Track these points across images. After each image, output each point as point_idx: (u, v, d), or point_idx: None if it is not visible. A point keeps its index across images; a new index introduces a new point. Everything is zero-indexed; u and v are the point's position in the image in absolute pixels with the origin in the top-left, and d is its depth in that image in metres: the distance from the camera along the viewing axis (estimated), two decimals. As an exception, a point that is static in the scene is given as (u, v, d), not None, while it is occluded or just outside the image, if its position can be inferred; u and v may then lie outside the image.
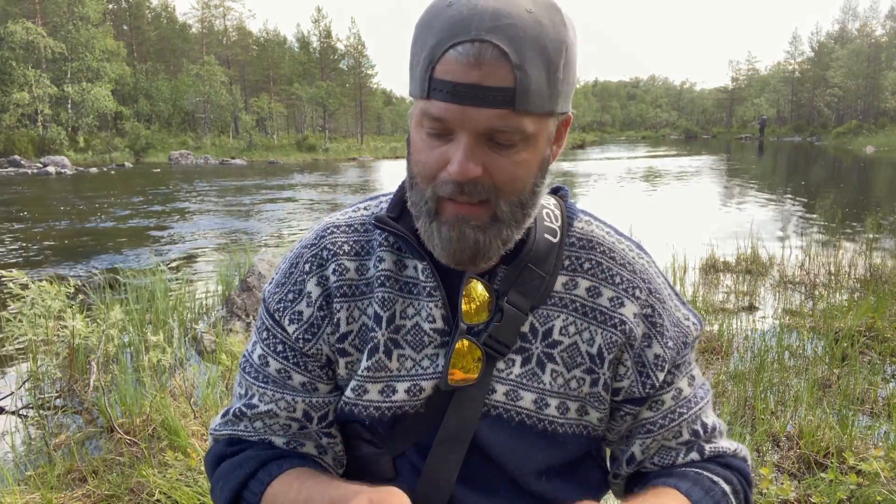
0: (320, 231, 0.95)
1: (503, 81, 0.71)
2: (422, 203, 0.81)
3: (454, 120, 0.73)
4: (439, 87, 0.73)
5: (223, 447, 0.96)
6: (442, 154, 0.76)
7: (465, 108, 0.72)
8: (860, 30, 71.11)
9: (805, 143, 54.91)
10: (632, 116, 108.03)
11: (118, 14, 55.81)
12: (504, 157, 0.76)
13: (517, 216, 0.80)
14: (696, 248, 6.73)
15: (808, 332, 4.17)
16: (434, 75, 0.73)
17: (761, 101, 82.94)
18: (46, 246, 9.50)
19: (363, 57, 64.07)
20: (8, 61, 39.29)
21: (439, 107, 0.73)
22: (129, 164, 35.54)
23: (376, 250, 0.91)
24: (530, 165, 0.78)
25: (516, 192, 0.79)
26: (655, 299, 0.92)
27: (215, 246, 9.50)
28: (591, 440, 0.95)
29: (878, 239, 7.89)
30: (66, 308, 3.87)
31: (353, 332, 0.90)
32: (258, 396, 0.93)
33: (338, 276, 0.90)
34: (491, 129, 0.73)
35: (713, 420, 0.98)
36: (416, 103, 0.79)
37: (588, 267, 0.91)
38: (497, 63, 0.70)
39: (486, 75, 0.71)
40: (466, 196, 0.77)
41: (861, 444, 2.69)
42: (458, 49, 0.71)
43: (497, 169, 0.76)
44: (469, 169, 0.74)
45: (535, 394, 0.89)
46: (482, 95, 0.71)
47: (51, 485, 2.49)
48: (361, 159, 42.73)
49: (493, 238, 0.80)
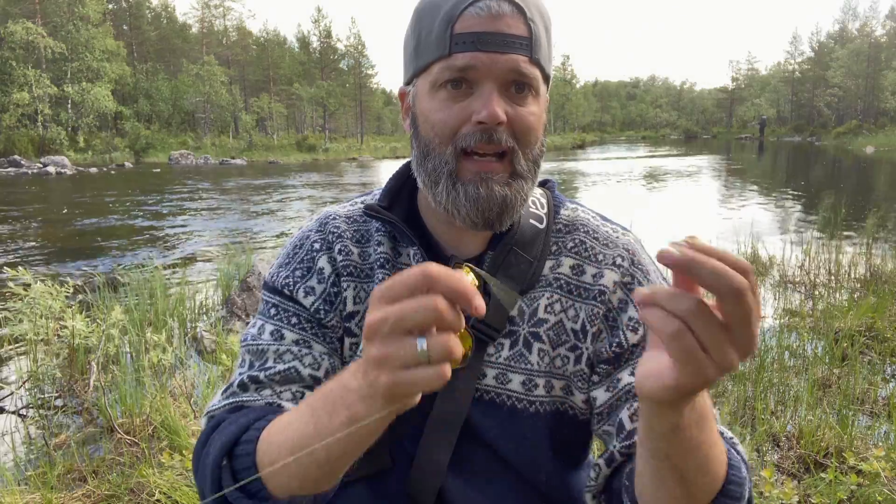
0: (322, 218, 0.97)
1: (521, 31, 0.80)
2: (442, 165, 0.83)
3: (481, 66, 0.80)
4: (463, 39, 0.79)
5: (222, 414, 0.84)
6: (463, 109, 0.81)
7: (490, 55, 0.79)
8: (860, 30, 71.15)
9: (805, 143, 54.91)
10: (632, 116, 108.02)
11: (118, 14, 55.83)
12: (521, 108, 0.82)
13: (532, 172, 0.86)
14: (696, 248, 6.71)
15: (808, 332, 4.17)
16: (455, 32, 0.80)
17: (761, 101, 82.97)
18: (46, 246, 9.49)
19: (363, 57, 64.06)
20: (8, 61, 39.30)
21: (466, 57, 0.80)
22: (129, 164, 35.52)
23: (374, 235, 0.94)
24: (540, 120, 0.85)
25: (531, 144, 0.85)
26: (637, 269, 0.93)
27: (215, 246, 9.50)
28: (577, 425, 0.93)
29: (878, 239, 7.89)
30: (67, 308, 3.87)
31: (359, 314, 0.91)
32: (274, 358, 0.86)
33: (344, 257, 0.92)
34: (515, 71, 0.80)
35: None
36: (429, 70, 0.83)
37: (571, 246, 0.94)
38: (515, 15, 0.80)
39: (508, 25, 0.79)
40: (492, 144, 0.81)
41: (861, 444, 2.69)
42: (477, 5, 0.79)
43: (517, 118, 0.82)
44: (498, 112, 0.79)
45: (522, 375, 0.89)
46: (506, 41, 0.79)
47: (51, 485, 2.49)
48: (361, 159, 42.72)
49: (517, 193, 0.84)
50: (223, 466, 0.74)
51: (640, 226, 6.07)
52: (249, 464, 0.72)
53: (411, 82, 0.88)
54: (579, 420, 0.93)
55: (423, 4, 0.85)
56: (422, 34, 0.83)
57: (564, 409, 0.92)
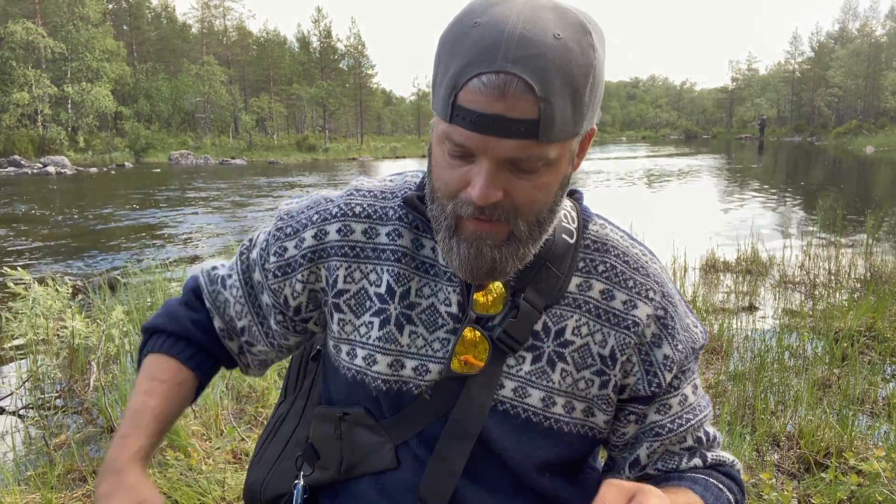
0: (347, 189, 0.99)
1: (527, 114, 0.70)
2: (442, 218, 0.82)
3: (476, 148, 0.74)
4: (462, 114, 0.72)
5: (188, 294, 1.08)
6: (463, 175, 0.77)
7: (487, 138, 0.72)
8: (860, 30, 71.13)
9: (805, 143, 54.89)
10: (632, 116, 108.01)
11: (118, 14, 55.78)
12: (525, 181, 0.76)
13: (534, 234, 0.82)
14: (696, 247, 6.72)
15: (808, 332, 4.17)
16: (457, 102, 0.72)
17: (761, 101, 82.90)
18: (46, 246, 9.49)
19: (363, 57, 64.07)
20: (8, 61, 39.27)
21: (462, 133, 0.73)
22: (129, 164, 35.51)
23: (393, 221, 0.93)
24: (551, 187, 0.79)
25: (535, 212, 0.80)
26: (668, 302, 0.93)
27: (215, 246, 9.49)
28: (594, 442, 0.95)
29: (879, 239, 7.89)
30: (67, 308, 3.87)
31: (349, 292, 0.93)
32: (230, 284, 1.04)
33: (342, 236, 0.93)
34: (513, 158, 0.74)
35: (713, 431, 0.99)
36: (439, 122, 0.78)
37: (602, 269, 0.92)
38: (521, 96, 0.69)
39: (510, 107, 0.70)
40: (486, 216, 0.78)
41: (861, 444, 2.69)
42: (482, 79, 0.69)
43: (518, 192, 0.77)
44: (489, 195, 0.75)
45: (543, 392, 0.89)
46: (505, 127, 0.71)
47: (51, 485, 2.49)
48: (361, 159, 42.72)
49: (510, 256, 0.81)
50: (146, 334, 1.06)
51: (640, 226, 6.07)
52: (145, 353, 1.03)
53: None
54: (598, 439, 0.96)
55: (445, 40, 0.76)
56: (436, 78, 0.77)
57: (584, 432, 0.93)
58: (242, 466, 2.61)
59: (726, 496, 0.92)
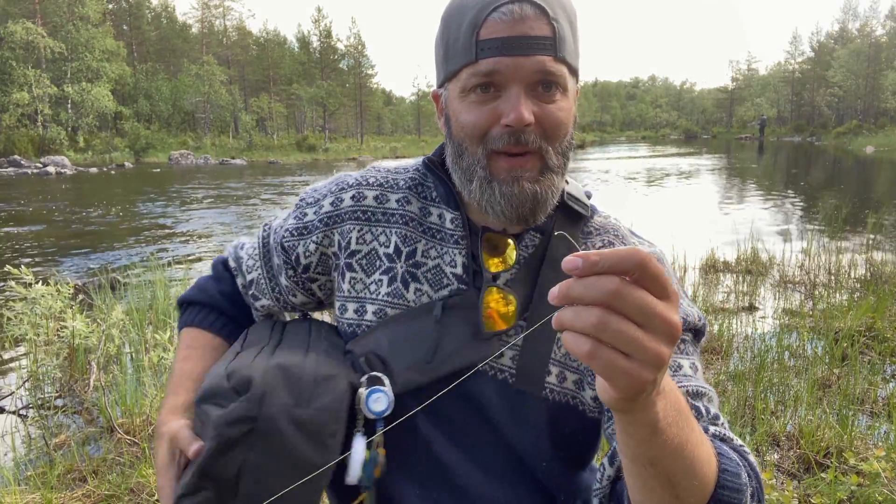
0: (365, 168, 1.07)
1: (544, 31, 0.82)
2: (475, 165, 0.87)
3: (507, 71, 0.82)
4: (488, 45, 0.82)
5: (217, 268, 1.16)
6: (492, 111, 0.84)
7: (515, 59, 0.81)
8: (860, 30, 71.14)
9: (805, 143, 54.89)
10: (632, 116, 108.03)
11: (118, 14, 55.81)
12: (550, 106, 0.84)
13: (562, 165, 0.88)
14: (696, 247, 6.72)
15: (808, 332, 4.17)
16: (480, 38, 0.82)
17: (761, 101, 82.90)
18: (46, 246, 9.49)
19: (363, 57, 64.07)
20: (8, 61, 39.28)
21: (491, 62, 0.82)
22: (129, 164, 35.51)
23: (403, 190, 1.00)
24: (569, 114, 0.87)
25: (560, 138, 0.87)
26: None
27: (216, 246, 9.49)
28: (584, 421, 0.94)
29: (878, 239, 7.89)
30: (67, 308, 3.87)
31: (361, 252, 0.98)
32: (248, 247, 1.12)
33: (355, 202, 1.00)
34: (541, 72, 0.82)
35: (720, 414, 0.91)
36: (458, 76, 0.86)
37: (600, 245, 0.97)
38: (537, 17, 0.81)
39: (531, 27, 0.81)
40: (521, 145, 0.84)
41: (861, 444, 2.69)
42: (500, 10, 0.81)
43: (545, 116, 0.84)
44: (525, 115, 0.82)
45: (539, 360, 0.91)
46: (529, 44, 0.81)
47: (51, 485, 2.49)
48: (361, 159, 42.72)
49: (548, 188, 0.87)
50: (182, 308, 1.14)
51: (641, 226, 6.07)
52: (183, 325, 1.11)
53: (443, 85, 0.91)
54: (587, 417, 0.94)
55: (450, 11, 0.87)
56: (449, 41, 0.86)
57: (575, 404, 0.93)
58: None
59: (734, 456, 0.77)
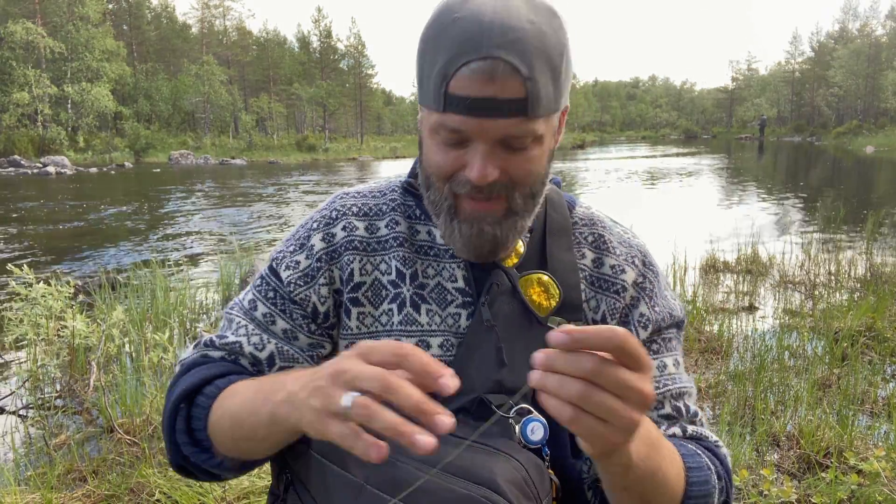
0: (332, 198, 1.01)
1: (516, 93, 0.76)
2: (441, 201, 0.87)
3: (472, 131, 0.79)
4: (455, 101, 0.77)
5: (192, 361, 0.91)
6: (458, 158, 0.82)
7: (481, 120, 0.77)
8: (860, 30, 71.13)
9: (805, 143, 54.86)
10: (632, 116, 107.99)
11: (118, 14, 55.77)
12: (519, 157, 0.82)
13: (528, 206, 0.87)
14: (696, 248, 6.73)
15: (808, 332, 4.17)
16: (449, 91, 0.77)
17: (761, 101, 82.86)
18: (47, 246, 9.49)
19: (363, 57, 64.03)
20: (8, 61, 39.26)
21: (456, 119, 0.78)
22: (129, 164, 35.49)
23: (388, 214, 0.97)
24: (541, 160, 0.85)
25: (530, 184, 0.85)
26: (649, 270, 0.97)
27: (215, 246, 9.50)
28: None
29: (879, 239, 7.89)
30: (67, 308, 3.87)
31: (366, 284, 0.94)
32: (233, 330, 0.93)
33: (348, 233, 0.95)
34: (506, 136, 0.79)
35: (697, 409, 0.95)
36: (430, 113, 0.83)
37: (591, 240, 0.98)
38: (509, 77, 0.75)
39: (500, 89, 0.75)
40: (483, 196, 0.83)
41: (861, 443, 2.69)
42: (471, 66, 0.75)
43: (513, 168, 0.82)
44: (489, 173, 0.80)
45: None
46: (497, 107, 0.76)
47: (51, 485, 2.49)
48: (361, 159, 42.70)
49: (510, 230, 0.86)
50: (181, 409, 0.85)
51: (641, 226, 6.07)
52: (203, 415, 0.83)
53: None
54: None
55: (426, 37, 0.80)
56: (423, 74, 0.82)
57: None
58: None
59: (705, 462, 0.84)
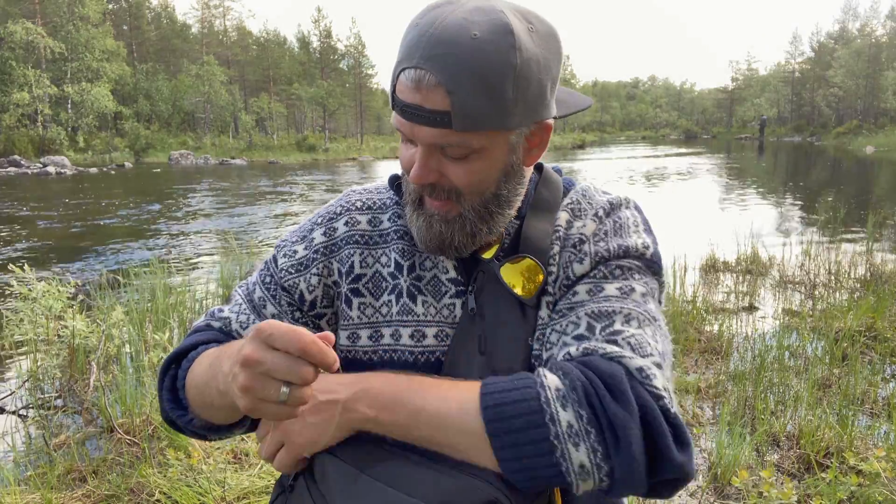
0: (340, 195, 1.06)
1: (440, 105, 0.78)
2: (408, 193, 0.92)
3: (409, 133, 0.84)
4: (397, 103, 0.82)
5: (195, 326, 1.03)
6: (411, 156, 0.86)
7: (412, 125, 0.81)
8: (860, 30, 71.13)
9: (805, 143, 54.88)
10: (632, 116, 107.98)
11: (118, 14, 55.82)
12: (458, 166, 0.84)
13: (482, 214, 0.88)
14: (696, 248, 6.72)
15: (808, 332, 4.17)
16: (395, 92, 0.82)
17: (761, 101, 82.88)
18: (47, 246, 9.50)
19: (363, 57, 64.07)
20: (8, 61, 39.28)
21: (397, 119, 0.84)
22: (129, 164, 35.51)
23: (391, 208, 1.00)
24: (487, 173, 0.86)
25: (477, 194, 0.87)
26: (610, 218, 0.92)
27: (215, 245, 9.50)
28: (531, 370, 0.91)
29: (879, 239, 7.89)
30: (67, 308, 3.87)
31: (366, 276, 0.97)
32: (230, 307, 1.02)
33: (349, 227, 0.99)
34: (437, 144, 0.82)
35: (625, 329, 0.80)
36: None
37: (568, 203, 0.96)
38: (433, 89, 0.77)
39: (425, 99, 0.78)
40: (435, 194, 0.87)
41: (861, 444, 2.69)
42: (406, 73, 0.79)
43: (453, 175, 0.85)
44: (422, 175, 0.84)
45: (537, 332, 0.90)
46: (422, 116, 0.79)
47: (51, 485, 2.49)
48: (361, 159, 42.71)
49: (457, 231, 0.88)
50: (171, 368, 0.95)
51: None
52: (183, 377, 0.92)
53: None
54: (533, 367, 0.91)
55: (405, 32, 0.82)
56: None
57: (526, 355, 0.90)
58: (242, 466, 2.61)
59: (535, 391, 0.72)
